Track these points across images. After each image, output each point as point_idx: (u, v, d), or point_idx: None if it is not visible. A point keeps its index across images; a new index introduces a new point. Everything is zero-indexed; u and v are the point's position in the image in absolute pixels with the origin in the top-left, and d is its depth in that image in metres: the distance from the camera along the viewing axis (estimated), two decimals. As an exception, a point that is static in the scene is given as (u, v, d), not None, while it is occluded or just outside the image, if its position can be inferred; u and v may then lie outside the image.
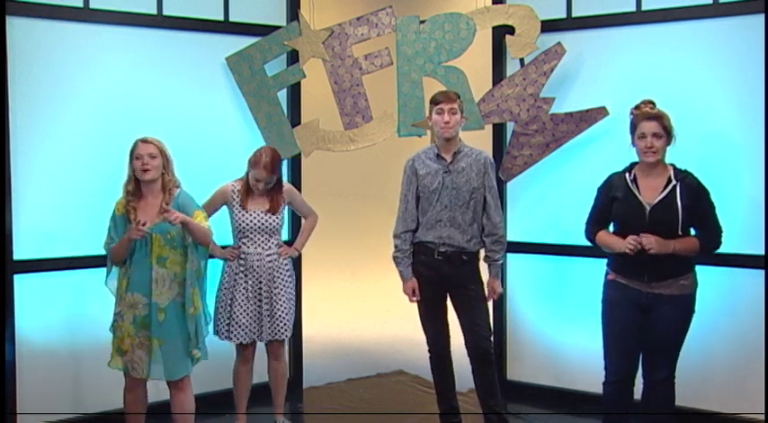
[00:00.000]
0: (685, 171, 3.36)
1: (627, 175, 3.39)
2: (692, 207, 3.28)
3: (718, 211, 3.94)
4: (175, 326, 3.46)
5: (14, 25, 3.79)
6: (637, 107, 3.41)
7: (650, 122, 3.29)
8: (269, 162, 3.79)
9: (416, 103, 4.38)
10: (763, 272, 3.84)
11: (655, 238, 3.23)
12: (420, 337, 3.99)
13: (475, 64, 4.50)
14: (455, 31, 4.31)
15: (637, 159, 3.40)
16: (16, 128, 3.81)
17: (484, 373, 3.83)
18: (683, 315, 3.36)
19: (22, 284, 3.86)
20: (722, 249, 3.90)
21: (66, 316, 3.96)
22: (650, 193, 3.32)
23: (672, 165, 3.37)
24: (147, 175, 3.42)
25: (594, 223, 3.51)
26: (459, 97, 3.79)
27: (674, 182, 3.30)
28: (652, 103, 3.40)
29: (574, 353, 3.67)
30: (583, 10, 4.29)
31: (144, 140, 3.45)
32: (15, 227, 3.82)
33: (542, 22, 4.26)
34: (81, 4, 3.98)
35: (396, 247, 3.88)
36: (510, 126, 4.41)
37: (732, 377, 3.98)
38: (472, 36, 4.32)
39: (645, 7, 4.11)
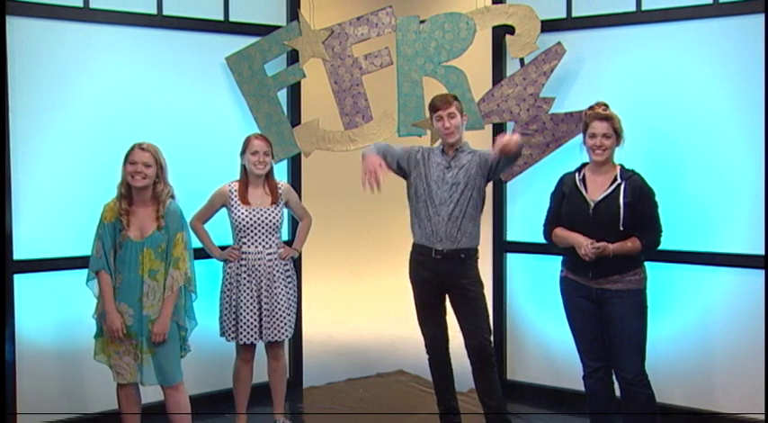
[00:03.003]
0: (632, 171, 3.49)
1: (577, 174, 3.56)
2: (635, 205, 3.40)
3: (718, 211, 3.97)
4: (169, 337, 3.47)
5: (14, 25, 3.79)
6: (590, 108, 3.56)
7: (601, 123, 3.45)
8: (261, 134, 4.02)
9: (416, 103, 4.38)
10: (763, 272, 3.84)
11: (599, 246, 3.34)
12: (420, 336, 3.98)
13: (475, 64, 4.50)
14: (455, 31, 4.32)
15: (588, 160, 3.55)
16: (16, 128, 3.82)
17: (485, 375, 3.82)
18: (635, 310, 3.45)
19: (22, 284, 3.86)
20: (722, 249, 3.94)
21: (66, 316, 3.96)
22: (596, 190, 3.47)
23: (620, 165, 3.51)
24: (138, 182, 3.40)
25: (551, 223, 3.64)
26: (456, 98, 3.78)
27: (619, 181, 3.45)
28: (605, 105, 3.54)
29: (574, 353, 3.67)
30: (583, 10, 4.29)
31: (141, 147, 3.43)
32: (15, 227, 3.82)
33: (542, 22, 4.26)
34: (81, 4, 3.98)
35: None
36: (510, 126, 4.41)
37: (732, 377, 3.98)
38: (472, 36, 4.32)
39: (645, 7, 4.11)
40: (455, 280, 3.74)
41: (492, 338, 3.85)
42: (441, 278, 3.75)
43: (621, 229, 3.39)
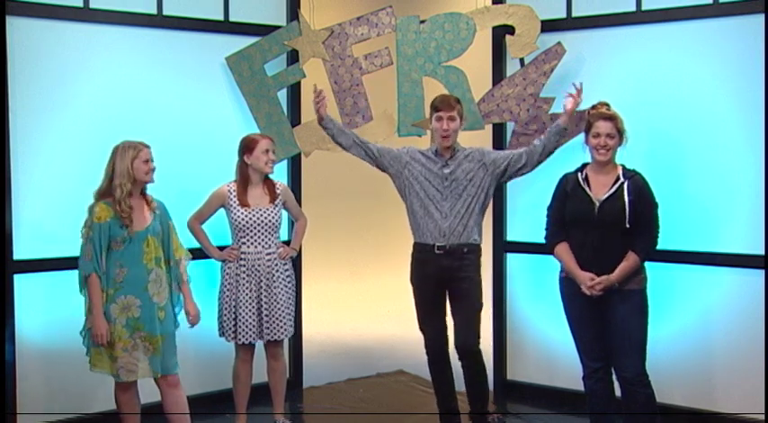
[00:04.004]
0: (634, 170, 3.50)
1: (579, 174, 3.55)
2: (637, 204, 3.41)
3: (718, 211, 3.95)
4: (171, 323, 3.54)
5: (14, 25, 3.79)
6: (593, 107, 3.57)
7: (605, 123, 3.46)
8: (262, 134, 4.02)
9: (416, 103, 4.38)
10: (763, 272, 3.84)
11: (601, 282, 3.39)
12: (420, 336, 3.98)
13: (475, 64, 4.50)
14: (455, 31, 4.31)
15: (589, 160, 3.55)
16: (16, 128, 3.82)
17: (472, 370, 3.83)
18: (637, 310, 3.46)
19: (22, 284, 3.86)
20: (722, 249, 3.93)
21: (66, 316, 3.94)
22: (600, 189, 3.47)
23: (622, 165, 3.51)
24: (152, 177, 3.50)
25: (554, 225, 3.61)
26: (459, 102, 3.78)
27: (622, 179, 3.45)
28: (607, 104, 3.56)
29: (574, 353, 3.66)
30: (583, 10, 4.29)
31: (146, 145, 3.48)
32: (15, 227, 3.82)
33: (542, 22, 4.26)
34: (81, 4, 3.98)
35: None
36: (510, 126, 4.41)
37: (732, 377, 3.98)
38: (472, 36, 4.32)
39: (645, 7, 4.11)
40: (456, 273, 3.73)
41: (478, 340, 3.80)
42: (442, 274, 3.74)
43: (627, 226, 3.38)
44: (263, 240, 3.89)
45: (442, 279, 3.76)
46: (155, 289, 3.47)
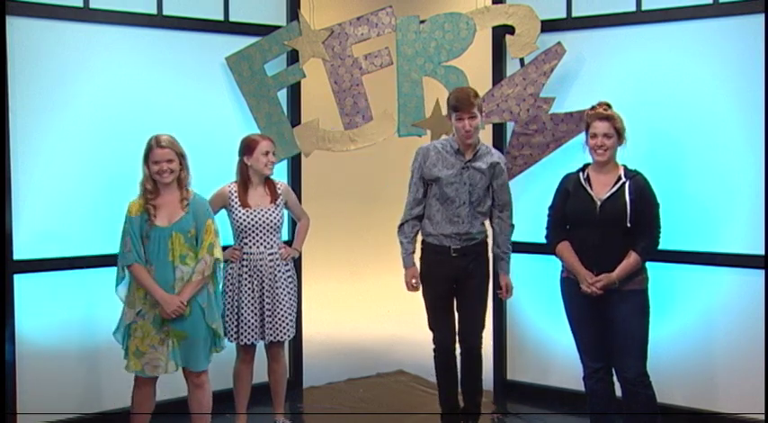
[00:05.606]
0: (635, 171, 3.51)
1: (580, 174, 3.56)
2: (638, 203, 3.41)
3: (718, 211, 3.95)
4: (198, 321, 3.50)
5: (14, 25, 3.79)
6: (592, 108, 3.56)
7: (603, 123, 3.46)
8: (263, 134, 4.01)
9: (416, 103, 4.38)
10: (763, 272, 3.84)
11: (601, 279, 3.40)
12: (420, 336, 3.99)
13: (475, 64, 4.50)
14: (455, 31, 4.32)
15: (589, 160, 3.55)
16: (16, 128, 3.81)
17: (472, 371, 3.89)
18: (638, 310, 3.46)
19: (22, 284, 3.86)
20: (722, 249, 3.93)
21: (67, 316, 3.96)
22: (601, 188, 3.48)
23: (623, 165, 3.52)
24: (166, 178, 3.46)
25: (555, 224, 3.62)
26: (477, 95, 3.78)
27: (623, 179, 3.46)
28: (607, 104, 3.54)
29: (574, 353, 3.67)
30: (583, 10, 4.29)
31: (160, 146, 3.44)
32: (15, 227, 3.82)
33: (542, 22, 4.27)
34: (81, 4, 3.98)
35: (403, 233, 3.88)
36: (510, 126, 4.41)
37: (732, 377, 3.98)
38: (472, 36, 4.32)
39: (645, 7, 4.11)
40: (469, 271, 3.79)
41: (482, 334, 3.90)
42: (457, 273, 3.79)
43: (628, 225, 3.39)
44: (264, 241, 3.89)
45: (456, 278, 3.81)
46: (181, 287, 3.46)
